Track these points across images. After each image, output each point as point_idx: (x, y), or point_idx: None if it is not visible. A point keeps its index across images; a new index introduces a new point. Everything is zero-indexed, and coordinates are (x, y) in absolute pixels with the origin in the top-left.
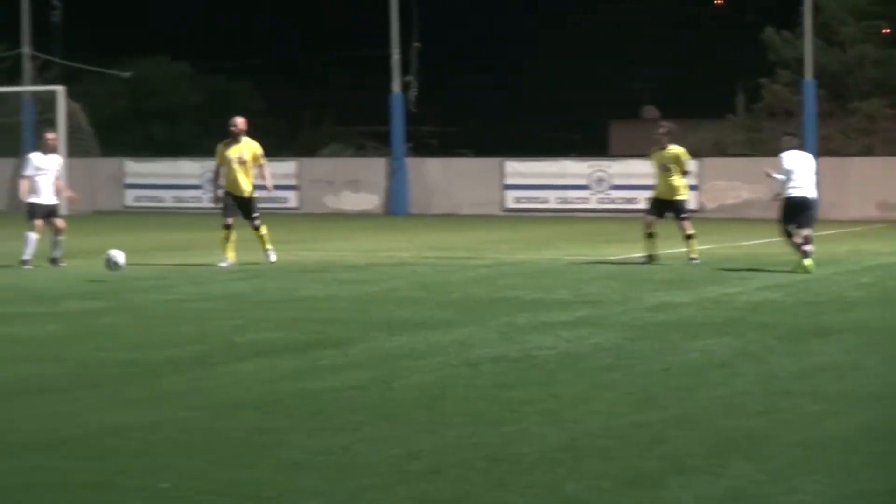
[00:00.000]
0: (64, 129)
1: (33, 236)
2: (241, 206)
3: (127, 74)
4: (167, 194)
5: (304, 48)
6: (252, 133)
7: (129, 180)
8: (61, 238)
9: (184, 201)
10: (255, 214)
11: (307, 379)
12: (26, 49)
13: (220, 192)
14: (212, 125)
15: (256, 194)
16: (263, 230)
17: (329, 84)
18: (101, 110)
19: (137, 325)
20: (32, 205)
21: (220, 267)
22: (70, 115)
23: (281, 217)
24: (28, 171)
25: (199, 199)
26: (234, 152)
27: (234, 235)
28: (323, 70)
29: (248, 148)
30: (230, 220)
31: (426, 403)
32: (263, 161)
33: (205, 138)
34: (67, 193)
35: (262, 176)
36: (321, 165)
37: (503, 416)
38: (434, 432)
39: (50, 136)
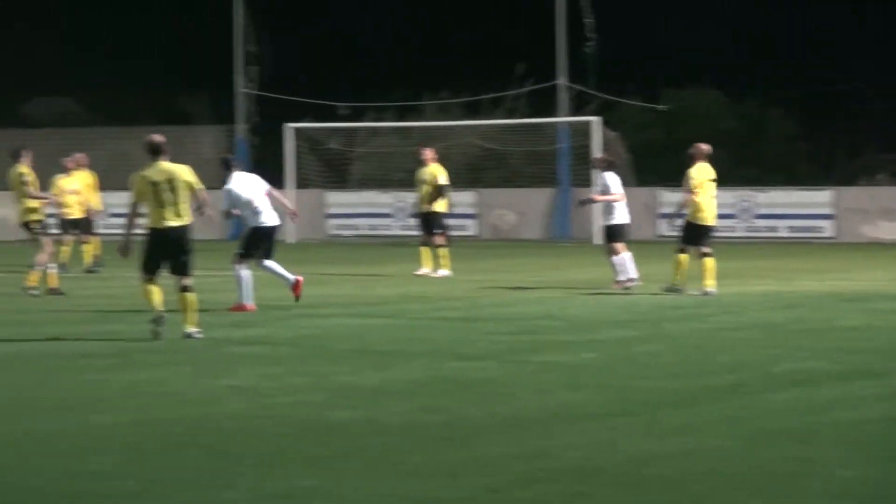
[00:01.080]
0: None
1: (620, 258)
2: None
3: (664, 108)
4: None
5: (841, 72)
6: (785, 159)
7: (664, 210)
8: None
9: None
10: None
11: (845, 409)
12: (562, 80)
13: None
14: (745, 153)
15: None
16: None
17: (866, 111)
18: (634, 139)
19: (673, 354)
20: (608, 226)
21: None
22: (607, 145)
23: (816, 246)
24: (600, 192)
25: (732, 229)
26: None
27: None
28: (860, 97)
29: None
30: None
31: None
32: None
33: (739, 167)
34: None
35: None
36: (858, 194)
37: None
38: None
39: (597, 157)
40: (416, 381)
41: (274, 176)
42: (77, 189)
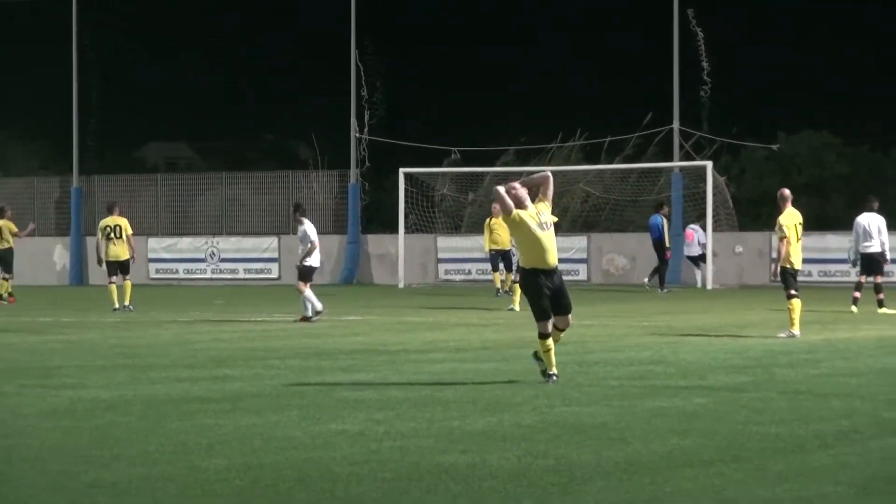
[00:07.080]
0: (711, 204)
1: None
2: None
3: (775, 147)
4: (814, 269)
5: None
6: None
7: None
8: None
9: (831, 275)
10: None
11: None
12: (676, 125)
13: None
14: (859, 197)
15: None
16: None
17: None
18: (752, 186)
19: (784, 400)
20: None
21: (780, 337)
22: (716, 190)
23: None
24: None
25: (847, 273)
26: None
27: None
28: None
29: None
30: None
31: None
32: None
33: (852, 210)
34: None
35: None
36: None
37: None
38: None
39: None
40: (526, 426)
41: (390, 220)
42: None
